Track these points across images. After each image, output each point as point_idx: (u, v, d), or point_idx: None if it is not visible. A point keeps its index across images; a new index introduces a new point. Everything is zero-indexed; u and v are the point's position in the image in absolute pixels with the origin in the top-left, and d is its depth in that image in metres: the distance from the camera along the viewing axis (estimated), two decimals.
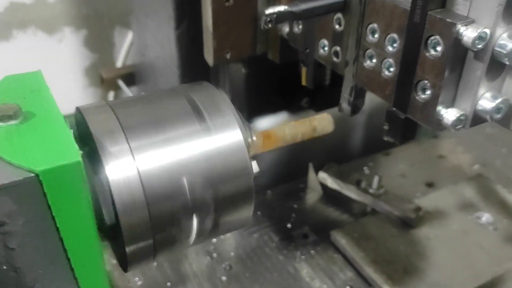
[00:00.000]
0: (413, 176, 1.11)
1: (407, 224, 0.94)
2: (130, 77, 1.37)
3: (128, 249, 0.49)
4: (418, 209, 0.94)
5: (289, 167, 1.10)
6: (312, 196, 1.06)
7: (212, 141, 0.53)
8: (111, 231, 0.52)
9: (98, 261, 0.48)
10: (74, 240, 0.45)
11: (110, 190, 0.47)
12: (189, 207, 0.52)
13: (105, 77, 1.37)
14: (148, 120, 0.53)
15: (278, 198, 1.05)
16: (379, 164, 1.14)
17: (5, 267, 0.44)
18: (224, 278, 0.86)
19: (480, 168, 1.13)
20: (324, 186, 1.05)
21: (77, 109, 0.53)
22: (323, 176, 1.03)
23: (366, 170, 1.12)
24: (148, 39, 1.12)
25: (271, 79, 1.02)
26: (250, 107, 1.03)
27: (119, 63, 1.49)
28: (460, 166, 1.14)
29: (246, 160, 0.54)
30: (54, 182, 0.42)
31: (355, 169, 1.10)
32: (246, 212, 0.56)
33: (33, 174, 0.41)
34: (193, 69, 0.99)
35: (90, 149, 0.50)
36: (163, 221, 0.50)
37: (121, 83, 1.36)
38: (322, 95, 0.98)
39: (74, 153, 0.43)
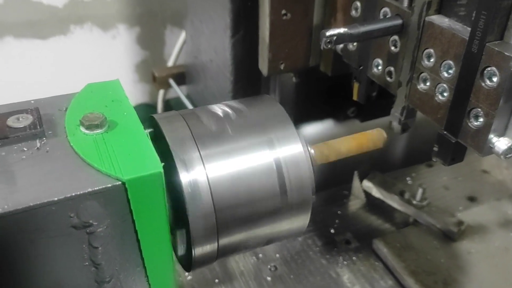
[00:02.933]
0: (455, 189, 1.12)
1: (449, 237, 0.96)
2: (181, 77, 1.42)
3: (195, 251, 0.54)
4: (460, 223, 0.96)
5: (333, 173, 1.12)
6: (356, 203, 1.08)
7: (275, 153, 0.57)
8: (175, 234, 0.57)
9: (169, 261, 0.52)
10: (149, 242, 0.50)
11: (182, 195, 0.52)
12: (251, 214, 0.56)
13: (157, 75, 1.42)
14: (216, 130, 0.57)
15: (322, 203, 1.08)
16: (421, 175, 1.16)
17: (87, 263, 0.49)
18: (269, 278, 0.90)
19: None
20: (367, 194, 1.08)
21: (152, 117, 0.58)
22: (368, 185, 1.06)
23: (409, 180, 1.14)
24: (202, 44, 1.17)
25: (319, 88, 1.05)
26: (298, 114, 1.06)
27: (170, 62, 1.55)
28: (504, 182, 1.15)
29: (308, 172, 0.58)
30: (138, 189, 0.46)
31: (398, 179, 1.12)
32: (303, 221, 0.60)
33: (119, 182, 0.46)
34: (246, 75, 1.03)
35: (161, 148, 0.54)
36: (228, 226, 0.55)
37: (172, 82, 1.41)
38: (369, 105, 1.00)
39: (156, 164, 0.47)
